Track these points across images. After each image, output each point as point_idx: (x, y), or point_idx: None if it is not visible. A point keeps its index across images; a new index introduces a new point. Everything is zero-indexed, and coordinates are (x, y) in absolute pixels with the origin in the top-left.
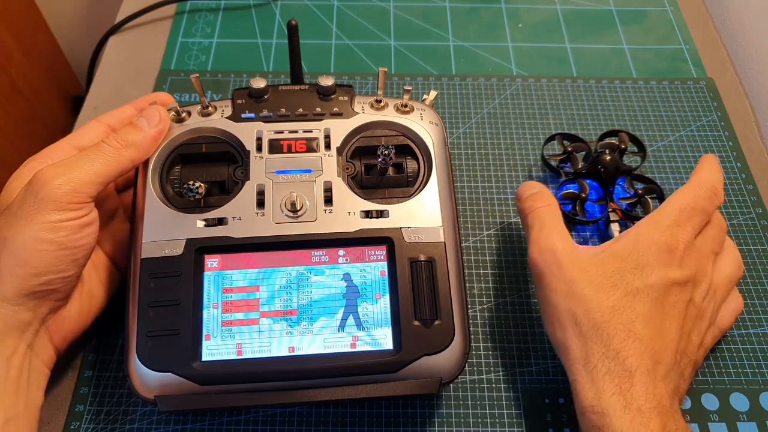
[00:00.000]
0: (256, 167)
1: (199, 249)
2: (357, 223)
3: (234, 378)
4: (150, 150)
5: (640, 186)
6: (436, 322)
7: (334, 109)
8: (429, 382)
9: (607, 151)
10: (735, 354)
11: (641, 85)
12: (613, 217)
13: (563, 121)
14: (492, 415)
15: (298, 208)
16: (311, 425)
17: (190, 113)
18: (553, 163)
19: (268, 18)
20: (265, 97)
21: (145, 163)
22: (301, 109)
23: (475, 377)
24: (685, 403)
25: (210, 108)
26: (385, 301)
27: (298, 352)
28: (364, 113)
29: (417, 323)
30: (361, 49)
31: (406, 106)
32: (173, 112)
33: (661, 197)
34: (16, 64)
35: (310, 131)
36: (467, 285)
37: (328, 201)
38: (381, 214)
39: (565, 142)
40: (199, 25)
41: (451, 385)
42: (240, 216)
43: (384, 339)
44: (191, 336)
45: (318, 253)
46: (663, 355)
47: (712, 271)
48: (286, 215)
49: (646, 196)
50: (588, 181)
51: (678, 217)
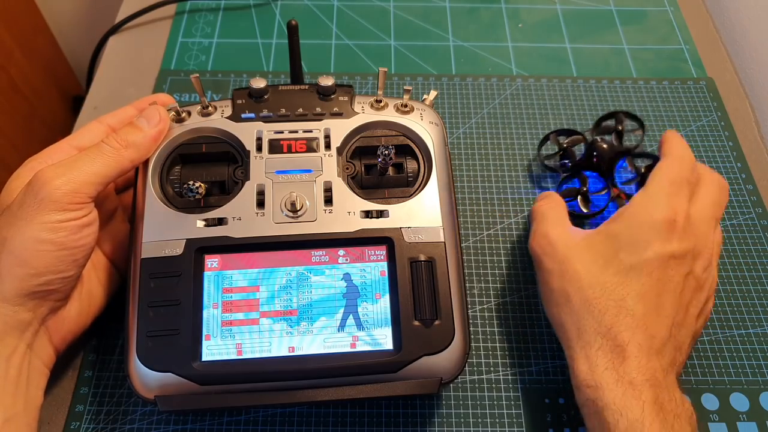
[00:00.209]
0: (256, 167)
1: (199, 249)
2: (357, 223)
3: (234, 378)
4: (150, 150)
5: (642, 164)
6: (436, 322)
7: (334, 109)
8: (429, 382)
9: (599, 139)
10: (735, 354)
11: (641, 85)
12: (618, 202)
13: (563, 121)
14: (492, 415)
15: (298, 208)
16: (311, 425)
17: (190, 113)
18: (550, 163)
19: (268, 18)
20: (265, 97)
21: (145, 163)
22: (301, 109)
23: (475, 377)
24: None
25: (210, 108)
26: (385, 301)
27: (298, 352)
28: (364, 113)
29: (417, 323)
30: (361, 49)
31: (406, 106)
32: (173, 112)
33: None
34: (16, 64)
35: (310, 131)
36: (467, 285)
37: (328, 201)
38: (381, 214)
39: (561, 138)
40: (199, 25)
41: (451, 385)
42: (240, 216)
43: (384, 339)
44: (191, 336)
45: (318, 253)
46: (657, 329)
47: (713, 239)
48: (286, 215)
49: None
50: (587, 172)
51: (670, 189)
